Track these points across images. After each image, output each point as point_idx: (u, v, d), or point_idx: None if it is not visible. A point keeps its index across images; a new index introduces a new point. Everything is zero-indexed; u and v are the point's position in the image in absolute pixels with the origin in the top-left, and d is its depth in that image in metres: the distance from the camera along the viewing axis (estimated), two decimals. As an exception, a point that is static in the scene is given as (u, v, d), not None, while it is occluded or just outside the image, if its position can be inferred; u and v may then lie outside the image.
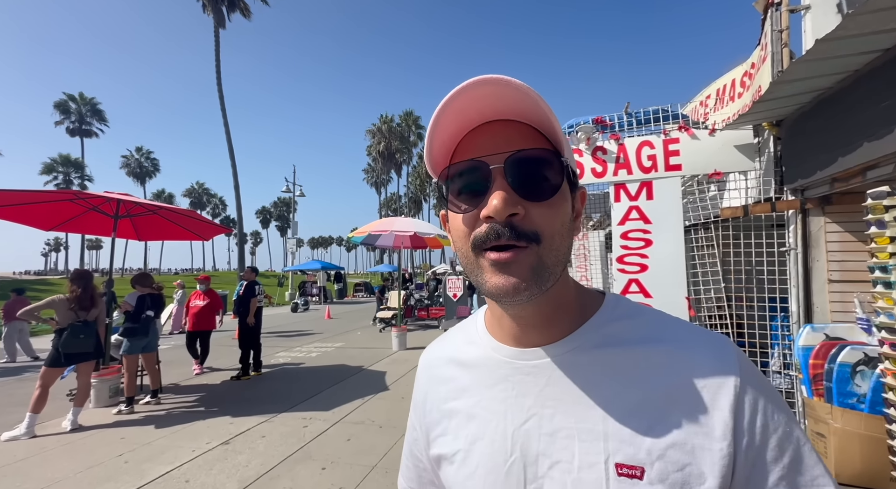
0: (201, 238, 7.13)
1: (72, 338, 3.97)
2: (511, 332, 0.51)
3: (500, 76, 0.41)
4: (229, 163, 21.02)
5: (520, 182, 0.43)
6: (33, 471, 3.29)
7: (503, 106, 0.44)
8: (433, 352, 0.62)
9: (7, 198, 4.99)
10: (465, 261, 0.46)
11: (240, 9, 21.60)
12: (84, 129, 42.41)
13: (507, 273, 0.42)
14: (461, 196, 0.46)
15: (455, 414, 0.53)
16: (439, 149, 0.47)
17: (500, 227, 0.42)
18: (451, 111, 0.44)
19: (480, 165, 0.44)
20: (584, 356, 0.48)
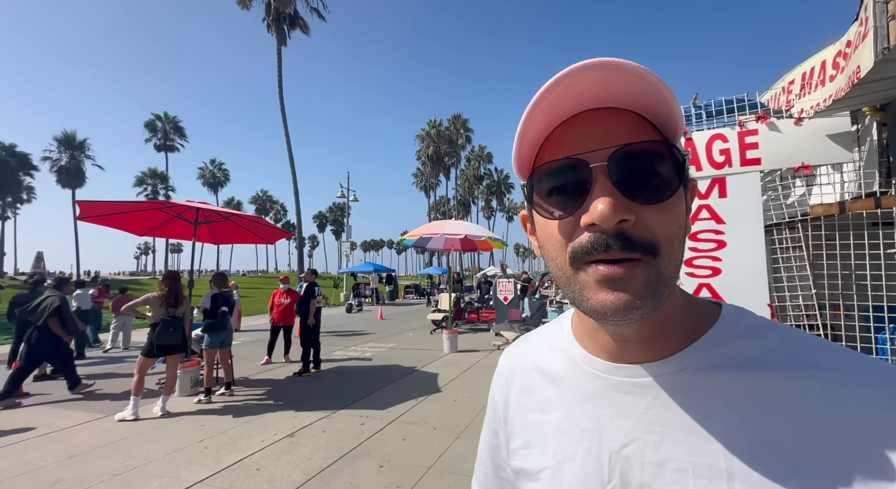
0: (267, 241, 7.68)
1: (163, 331, 4.47)
2: (606, 346, 0.46)
3: (610, 59, 0.35)
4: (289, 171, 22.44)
5: (629, 182, 0.37)
6: (132, 450, 3.70)
7: (607, 93, 0.38)
8: (514, 357, 0.59)
9: (109, 208, 5.70)
10: (560, 272, 0.41)
11: (299, 26, 23.08)
12: (168, 145, 47.49)
13: (619, 290, 0.36)
14: (552, 199, 0.40)
15: (540, 427, 0.50)
16: (528, 147, 0.42)
17: (608, 236, 0.36)
18: (546, 104, 0.38)
19: (578, 164, 0.38)
20: (697, 378, 0.41)
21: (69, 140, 42.38)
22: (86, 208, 5.36)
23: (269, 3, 21.96)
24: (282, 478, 3.17)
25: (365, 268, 22.94)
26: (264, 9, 22.13)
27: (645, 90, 0.37)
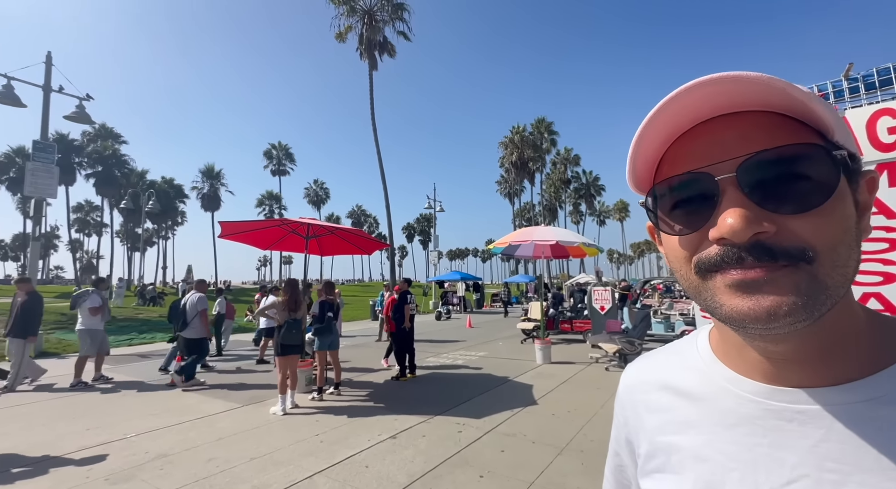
0: (365, 252, 8.28)
1: (287, 332, 5.08)
2: (757, 365, 0.41)
3: (726, 74, 0.33)
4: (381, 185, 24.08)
5: (766, 191, 0.34)
6: (263, 438, 4.23)
7: (727, 100, 0.35)
8: (638, 374, 0.55)
9: (242, 227, 6.68)
10: (687, 283, 0.39)
11: (387, 51, 24.90)
12: (281, 170, 54.43)
13: (758, 293, 0.33)
14: (675, 213, 0.38)
15: (676, 450, 0.45)
16: (644, 163, 0.40)
17: (741, 248, 0.34)
18: (661, 121, 0.37)
19: (701, 178, 0.36)
20: (889, 412, 0.35)
21: (209, 171, 51.10)
22: (225, 227, 6.36)
23: (362, 33, 24.10)
24: (388, 478, 3.33)
25: (452, 276, 23.43)
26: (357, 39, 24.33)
27: (770, 95, 0.34)
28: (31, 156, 10.79)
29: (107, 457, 3.80)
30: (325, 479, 3.32)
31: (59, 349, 10.05)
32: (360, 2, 24.28)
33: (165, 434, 4.37)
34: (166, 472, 3.48)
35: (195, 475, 3.41)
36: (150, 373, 7.45)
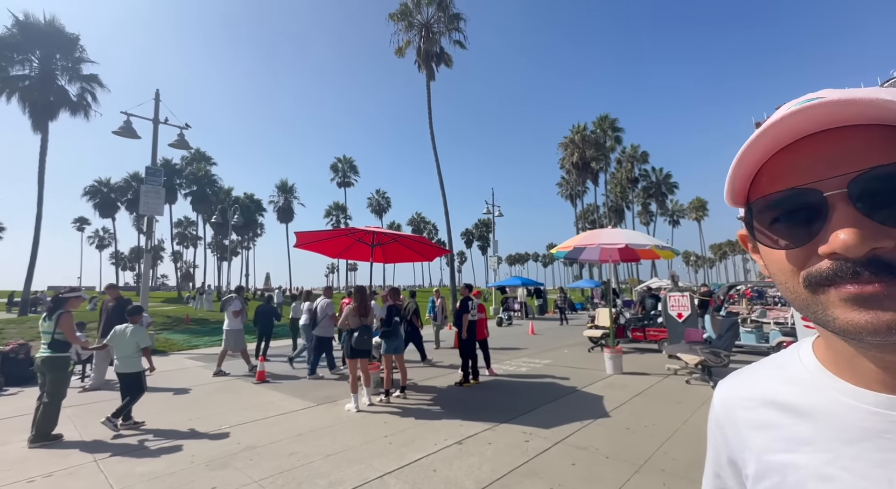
0: (427, 259, 8.46)
1: (360, 337, 5.33)
2: (874, 375, 0.39)
3: (840, 98, 0.32)
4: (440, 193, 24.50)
5: (882, 207, 0.33)
6: (337, 436, 4.46)
7: (833, 118, 0.34)
8: (736, 390, 0.53)
9: (314, 236, 7.17)
10: (793, 296, 0.38)
11: (444, 61, 25.43)
12: (346, 182, 57.69)
13: (877, 308, 0.32)
14: (777, 227, 0.38)
15: (793, 469, 0.42)
16: (741, 180, 0.41)
17: (856, 264, 0.33)
18: (761, 144, 0.37)
19: (806, 194, 0.35)
20: None
21: (284, 186, 55.73)
22: (300, 238, 6.86)
23: (419, 46, 24.90)
24: (455, 483, 3.34)
25: (513, 281, 23.03)
26: (415, 52, 25.18)
27: (882, 111, 0.32)
28: (144, 179, 12.58)
29: (207, 445, 4.26)
30: (395, 480, 3.41)
31: (166, 347, 11.49)
32: (418, 16, 25.13)
33: (253, 427, 4.79)
34: (255, 463, 3.80)
35: (279, 467, 3.69)
36: (242, 369, 8.23)
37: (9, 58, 20.14)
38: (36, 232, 20.58)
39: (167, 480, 3.47)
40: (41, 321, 4.78)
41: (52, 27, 20.92)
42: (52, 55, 21.13)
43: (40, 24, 20.67)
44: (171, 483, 3.44)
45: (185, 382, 7.34)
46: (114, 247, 69.11)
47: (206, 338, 13.74)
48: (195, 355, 10.76)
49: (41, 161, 20.75)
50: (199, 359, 10.16)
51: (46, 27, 20.79)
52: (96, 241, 76.82)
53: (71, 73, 21.73)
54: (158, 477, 3.54)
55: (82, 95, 22.00)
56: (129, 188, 46.40)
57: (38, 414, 4.43)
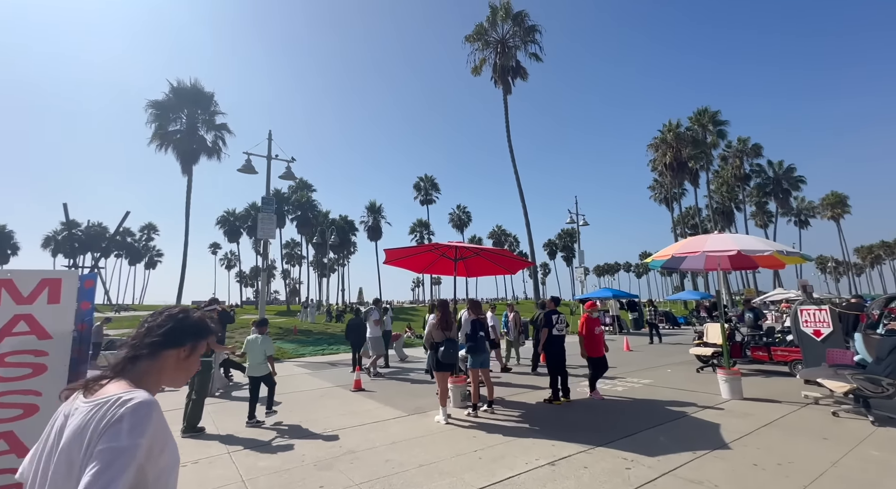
0: (509, 272, 8.37)
1: (446, 351, 5.46)
2: None
3: None
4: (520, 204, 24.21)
5: None
6: (429, 447, 4.58)
7: None
8: None
9: (402, 253, 7.57)
10: None
11: (520, 74, 25.50)
12: (428, 199, 60.16)
13: None
14: None
15: None
16: None
17: None
18: None
19: None
20: None
21: (372, 207, 60.02)
22: (389, 254, 7.31)
23: (495, 62, 25.34)
24: (550, 507, 3.18)
25: (603, 293, 21.55)
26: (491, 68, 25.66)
27: None
28: (260, 208, 14.58)
29: (314, 446, 4.68)
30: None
31: (279, 355, 12.94)
32: (493, 34, 25.64)
33: (352, 433, 5.15)
34: (355, 467, 4.07)
35: (376, 472, 3.90)
36: (341, 378, 8.94)
37: (166, 117, 25.20)
38: (184, 256, 25.03)
39: (283, 476, 3.89)
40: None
41: (196, 89, 25.73)
42: (195, 111, 25.92)
43: (187, 88, 25.57)
44: (286, 479, 3.84)
45: (296, 387, 8.19)
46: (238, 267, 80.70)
47: (311, 347, 15.20)
48: (302, 363, 11.96)
49: (187, 198, 25.30)
50: (305, 366, 11.27)
51: (191, 90, 25.64)
52: (226, 262, 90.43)
53: (208, 124, 26.39)
54: (276, 472, 3.99)
55: (216, 142, 26.55)
56: (249, 216, 54.04)
57: (187, 409, 5.32)
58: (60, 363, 2.70)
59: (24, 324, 2.61)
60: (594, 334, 6.86)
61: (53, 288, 2.71)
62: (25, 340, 2.61)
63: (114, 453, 0.86)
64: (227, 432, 5.30)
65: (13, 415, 2.54)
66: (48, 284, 2.70)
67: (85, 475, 0.84)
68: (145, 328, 1.15)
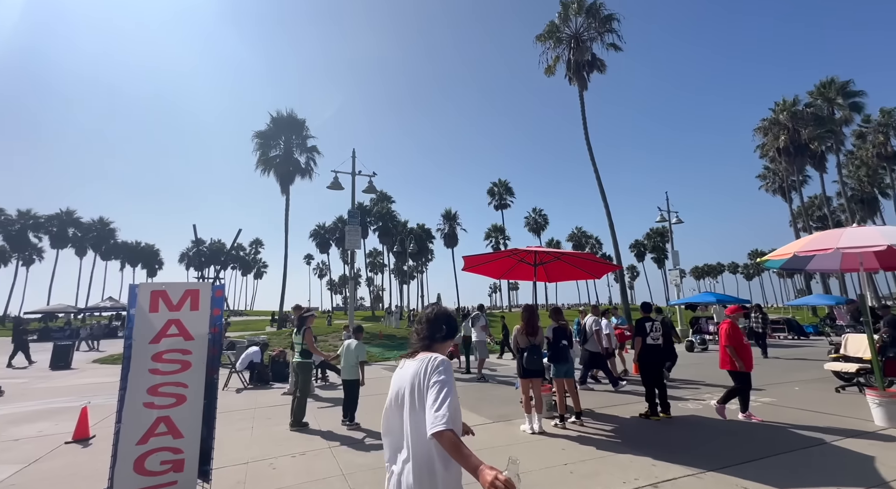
0: (594, 276, 7.92)
1: (530, 357, 5.34)
2: None
3: None
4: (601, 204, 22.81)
5: None
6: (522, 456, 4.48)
7: None
8: None
9: (480, 259, 7.61)
10: None
11: (596, 67, 24.19)
12: (503, 204, 59.73)
13: None
14: None
15: None
16: None
17: None
18: None
19: None
20: None
21: (448, 214, 61.36)
22: (467, 261, 7.40)
23: (569, 59, 24.39)
24: (655, 534, 2.91)
25: (705, 298, 19.26)
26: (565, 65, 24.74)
27: None
28: (347, 221, 15.79)
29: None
30: (581, 514, 3.21)
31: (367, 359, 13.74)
32: (566, 30, 24.75)
33: (439, 436, 5.26)
34: (444, 469, 4.14)
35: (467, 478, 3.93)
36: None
37: (268, 145, 28.68)
38: (284, 267, 28.06)
39: (377, 474, 4.11)
40: (293, 334, 6.43)
41: (291, 117, 28.96)
42: (291, 137, 29.11)
43: (284, 117, 28.87)
44: (380, 477, 4.05)
45: (384, 390, 8.63)
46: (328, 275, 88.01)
47: (396, 351, 15.93)
48: (389, 366, 12.57)
49: (286, 215, 28.34)
50: (391, 370, 11.82)
51: (287, 118, 28.89)
52: (318, 271, 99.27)
53: (301, 147, 29.43)
54: (371, 469, 4.24)
55: (308, 163, 29.50)
56: (337, 229, 58.81)
57: (294, 405, 5.92)
58: (201, 360, 3.19)
59: (175, 327, 3.13)
60: (744, 344, 5.90)
61: (194, 297, 3.22)
62: (176, 341, 3.13)
63: (443, 381, 1.51)
64: (327, 429, 5.77)
65: (169, 403, 3.05)
66: (190, 294, 3.22)
67: (430, 392, 1.50)
68: (429, 321, 1.82)
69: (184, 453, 3.05)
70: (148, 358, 3.02)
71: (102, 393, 8.73)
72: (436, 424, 1.41)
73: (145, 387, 2.99)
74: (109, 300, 33.47)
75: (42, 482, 4.13)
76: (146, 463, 2.93)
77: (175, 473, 3.00)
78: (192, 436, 3.09)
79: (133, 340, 3.02)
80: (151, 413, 2.98)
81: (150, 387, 2.99)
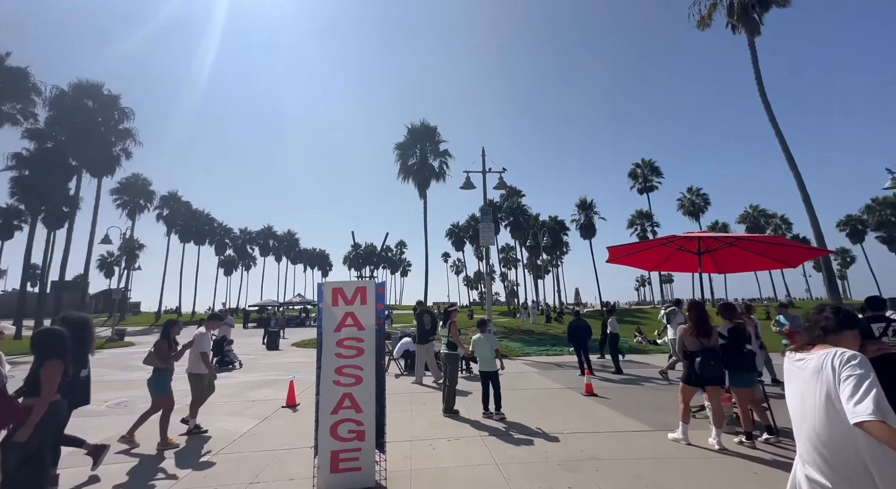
0: (787, 265, 6.36)
1: (705, 362, 4.57)
2: None
3: None
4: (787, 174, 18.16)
5: None
6: (690, 473, 3.93)
7: None
8: None
9: (627, 250, 6.92)
10: None
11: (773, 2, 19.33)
12: (648, 186, 53.05)
13: None
14: None
15: None
16: None
17: None
18: None
19: None
20: None
21: (583, 203, 57.54)
22: (612, 252, 6.80)
23: (731, 3, 20.16)
24: None
25: (976, 292, 13.51)
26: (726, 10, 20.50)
27: None
28: (480, 218, 16.26)
29: (554, 446, 4.77)
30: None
31: (506, 352, 13.89)
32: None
33: (590, 438, 4.97)
34: (601, 475, 3.90)
35: (627, 486, 3.62)
36: (570, 380, 8.86)
37: (406, 155, 31.63)
38: (426, 265, 30.53)
39: (530, 468, 4.11)
40: (439, 328, 6.92)
41: (424, 126, 31.40)
42: (425, 144, 31.52)
43: (418, 127, 31.46)
44: (536, 470, 4.05)
45: (526, 385, 8.61)
46: (464, 272, 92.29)
47: (535, 347, 15.72)
48: (529, 362, 12.48)
49: (424, 218, 30.80)
50: (532, 365, 11.72)
51: (421, 128, 31.39)
52: (454, 268, 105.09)
53: (434, 153, 31.60)
54: (523, 463, 4.26)
55: (441, 166, 31.49)
56: (470, 227, 61.17)
57: (445, 392, 6.38)
58: (371, 348, 3.69)
59: (351, 319, 3.69)
60: None
61: (363, 293, 3.74)
62: (352, 331, 3.69)
63: (859, 375, 1.40)
64: (475, 418, 6.04)
65: (350, 382, 3.62)
66: (360, 291, 3.75)
67: (845, 386, 1.41)
68: (825, 317, 1.70)
69: (364, 425, 3.58)
70: (333, 343, 3.65)
71: (301, 370, 10.93)
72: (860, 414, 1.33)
73: (333, 367, 3.62)
74: (298, 296, 43.33)
75: (272, 434, 5.40)
76: (338, 430, 3.55)
77: (359, 441, 3.56)
78: (369, 411, 3.62)
79: (322, 329, 3.70)
80: (339, 389, 3.59)
81: (336, 367, 3.62)
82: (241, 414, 6.44)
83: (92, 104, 26.50)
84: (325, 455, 3.51)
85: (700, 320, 4.69)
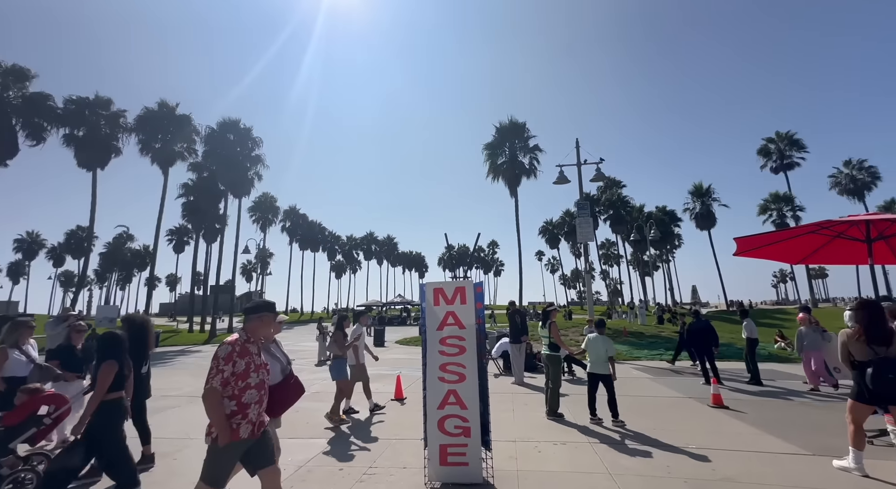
0: None
1: (880, 376, 3.66)
2: None
3: None
4: None
5: None
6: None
7: None
8: None
9: (761, 240, 5.91)
10: None
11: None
12: (785, 164, 44.59)
13: None
14: None
15: None
16: None
17: None
18: None
19: None
20: None
21: (698, 190, 50.65)
22: (741, 244, 5.87)
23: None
24: None
25: None
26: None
27: None
28: (576, 213, 15.39)
29: (678, 460, 4.27)
30: None
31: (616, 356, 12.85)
32: None
33: (723, 456, 4.33)
34: (740, 501, 3.37)
35: None
36: (691, 388, 7.89)
37: (495, 154, 31.56)
38: (519, 264, 29.99)
39: (651, 482, 3.74)
40: (539, 328, 6.73)
41: (513, 123, 31.02)
42: (514, 141, 31.07)
43: (506, 125, 31.16)
44: (656, 486, 3.67)
45: (639, 391, 7.89)
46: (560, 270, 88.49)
47: (646, 350, 14.31)
48: (639, 366, 11.43)
49: (516, 216, 30.31)
50: (643, 370, 10.70)
51: (509, 125, 31.04)
52: (549, 266, 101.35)
53: (524, 149, 30.97)
54: (641, 475, 3.89)
55: (531, 163, 30.72)
56: (565, 223, 58.44)
57: (547, 395, 6.17)
58: (472, 346, 3.75)
59: (452, 318, 3.80)
60: None
61: (462, 293, 3.82)
62: (453, 329, 3.79)
63: None
64: (582, 423, 5.72)
65: (454, 379, 3.71)
66: (459, 291, 3.83)
67: None
68: None
69: (469, 422, 3.65)
70: (437, 341, 3.79)
71: (406, 366, 11.61)
72: None
73: (437, 364, 3.76)
74: (399, 297, 46.50)
75: (389, 424, 5.85)
76: (445, 424, 3.67)
77: (465, 437, 3.64)
78: (474, 408, 3.67)
79: (426, 327, 3.87)
80: (444, 386, 3.72)
81: (440, 364, 3.75)
82: (356, 405, 7.10)
83: (233, 137, 31.79)
84: (434, 447, 3.67)
85: (872, 323, 3.73)
